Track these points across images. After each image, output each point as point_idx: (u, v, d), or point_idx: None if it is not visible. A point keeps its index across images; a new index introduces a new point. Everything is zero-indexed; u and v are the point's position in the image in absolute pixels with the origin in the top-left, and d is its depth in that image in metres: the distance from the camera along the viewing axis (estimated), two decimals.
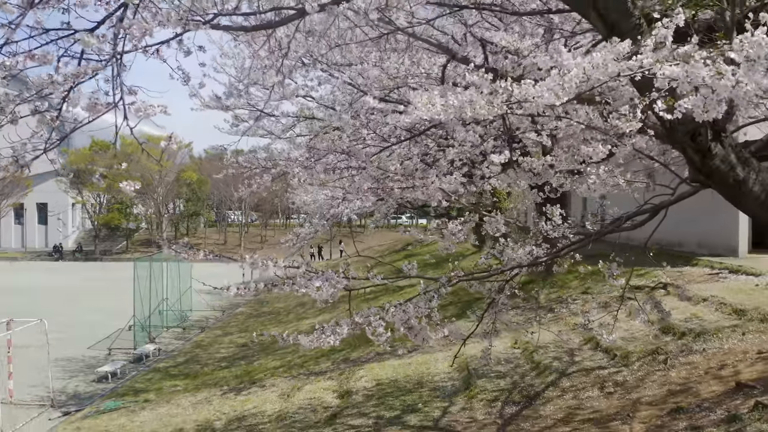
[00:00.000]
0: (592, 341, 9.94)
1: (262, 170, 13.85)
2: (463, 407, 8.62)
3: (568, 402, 8.12)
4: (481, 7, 5.98)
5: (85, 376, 17.48)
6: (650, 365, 8.58)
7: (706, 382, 7.70)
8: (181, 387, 14.33)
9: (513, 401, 8.47)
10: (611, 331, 6.29)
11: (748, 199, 3.93)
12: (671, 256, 16.52)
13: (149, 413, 12.17)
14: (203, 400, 12.25)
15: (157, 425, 11.17)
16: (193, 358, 18.27)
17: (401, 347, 11.14)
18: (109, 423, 12.15)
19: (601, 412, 7.58)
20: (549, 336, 10.68)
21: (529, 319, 12.76)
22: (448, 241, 5.59)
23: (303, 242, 16.57)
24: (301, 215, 34.58)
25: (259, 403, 11.02)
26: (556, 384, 8.68)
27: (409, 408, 8.88)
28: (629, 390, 8.05)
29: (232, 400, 11.75)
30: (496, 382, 9.25)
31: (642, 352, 8.96)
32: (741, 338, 8.73)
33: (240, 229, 61.87)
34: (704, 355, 8.46)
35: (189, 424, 10.72)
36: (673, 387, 7.82)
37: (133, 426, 11.55)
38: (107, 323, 21.80)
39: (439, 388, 9.59)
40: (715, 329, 9.11)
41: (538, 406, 8.18)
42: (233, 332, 21.67)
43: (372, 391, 10.07)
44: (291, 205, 38.88)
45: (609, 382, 8.36)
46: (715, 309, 10.02)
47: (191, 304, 26.86)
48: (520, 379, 9.17)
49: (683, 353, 8.67)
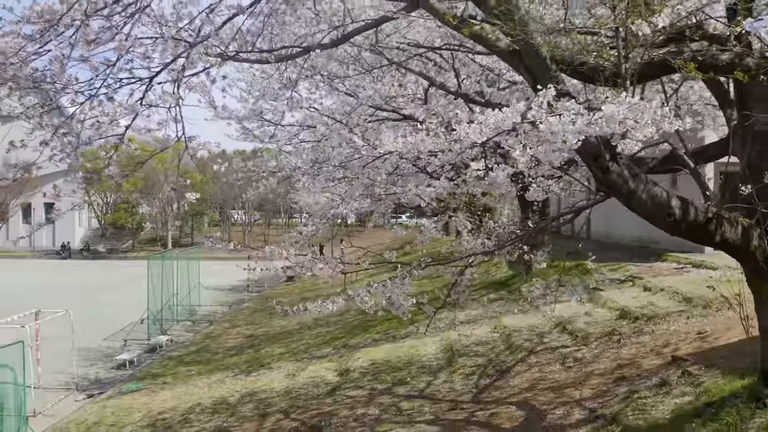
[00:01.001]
0: (560, 326, 11.33)
1: (269, 174, 15.23)
2: (445, 380, 10.01)
3: (533, 375, 9.51)
4: (442, 48, 7.32)
5: (104, 363, 18.86)
6: (606, 344, 9.96)
7: (650, 357, 9.08)
8: (195, 372, 15.72)
9: (488, 374, 9.86)
10: (553, 309, 7.66)
11: (638, 205, 5.29)
12: (648, 252, 17.96)
13: (168, 392, 13.57)
14: (217, 381, 13.65)
15: (177, 402, 12.57)
16: (204, 347, 19.66)
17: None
18: (132, 402, 13.54)
19: (560, 382, 8.97)
20: (524, 322, 12.07)
21: (510, 309, 14.14)
22: (425, 236, 6.96)
23: (306, 240, 17.95)
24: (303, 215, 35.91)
25: (267, 381, 12.42)
26: (524, 360, 10.07)
27: (398, 381, 10.28)
28: (585, 364, 9.44)
29: (243, 380, 13.15)
30: (475, 359, 10.64)
31: (600, 334, 10.35)
32: (686, 321, 10.10)
33: (244, 228, 63.21)
34: (652, 336, 9.85)
35: (206, 400, 12.11)
36: (622, 362, 9.20)
37: (155, 403, 12.94)
38: (120, 317, 23.15)
39: (426, 366, 10.99)
40: (665, 314, 10.49)
41: (508, 378, 9.57)
42: (240, 325, 23.06)
43: (367, 369, 11.47)
44: (294, 205, 40.21)
45: (569, 359, 9.75)
46: (669, 297, 11.39)
47: (199, 299, 28.28)
48: (496, 357, 10.56)
49: (635, 334, 10.06)
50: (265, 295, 30.36)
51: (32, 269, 45.91)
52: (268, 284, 34.74)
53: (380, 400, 9.59)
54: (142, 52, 5.34)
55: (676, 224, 5.35)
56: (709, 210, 5.43)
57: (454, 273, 6.87)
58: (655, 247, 18.05)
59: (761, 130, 5.84)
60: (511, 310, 13.71)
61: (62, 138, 5.75)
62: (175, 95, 4.88)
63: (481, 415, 8.23)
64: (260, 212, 68.73)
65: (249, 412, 10.67)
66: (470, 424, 7.99)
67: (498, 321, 12.73)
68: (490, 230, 6.51)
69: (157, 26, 5.44)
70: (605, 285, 14.23)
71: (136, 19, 5.03)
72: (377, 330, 15.18)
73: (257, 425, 9.86)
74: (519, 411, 8.15)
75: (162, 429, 10.88)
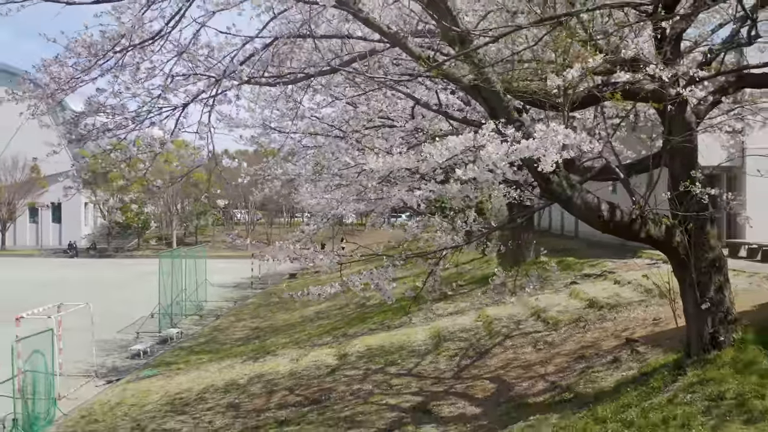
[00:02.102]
0: (536, 314, 12.64)
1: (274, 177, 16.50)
2: (431, 361, 11.34)
3: (508, 356, 10.83)
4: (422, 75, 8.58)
5: (119, 354, 20.20)
6: (573, 330, 11.28)
7: (609, 340, 10.39)
8: (206, 359, 17.04)
9: (468, 356, 11.18)
10: (513, 294, 8.95)
11: (574, 209, 6.59)
12: (626, 249, 19.24)
13: (183, 377, 14.89)
14: (227, 366, 14.97)
15: (192, 384, 13.89)
16: (212, 339, 21.00)
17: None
18: (150, 385, 14.86)
19: (529, 361, 10.29)
20: (505, 312, 13.38)
21: (496, 300, 15.45)
22: (408, 234, 8.28)
23: (308, 238, 19.27)
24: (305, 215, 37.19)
25: (273, 365, 13.74)
26: (501, 344, 11.39)
27: (390, 363, 11.61)
28: (553, 347, 10.75)
29: (251, 365, 14.47)
30: (458, 344, 11.96)
31: (569, 321, 11.67)
32: (644, 310, 11.41)
33: (247, 228, 64.48)
34: (614, 322, 11.16)
35: (218, 382, 13.44)
36: (584, 344, 10.52)
37: (171, 386, 14.27)
38: (130, 312, 24.48)
39: (415, 350, 12.31)
40: (628, 303, 11.80)
41: (486, 359, 10.89)
42: (246, 318, 24.39)
43: (363, 353, 12.79)
44: (295, 205, 41.49)
45: (540, 342, 11.07)
46: (633, 289, 12.70)
47: (206, 295, 29.64)
48: (477, 342, 11.88)
49: (599, 321, 11.37)
50: (269, 292, 31.72)
51: (41, 267, 47.15)
52: (271, 281, 36.10)
53: (373, 378, 10.92)
54: (177, 85, 6.68)
55: (605, 224, 6.67)
56: (633, 212, 6.74)
57: (430, 264, 8.17)
58: (632, 245, 19.29)
59: (680, 147, 7.14)
60: (496, 302, 15.02)
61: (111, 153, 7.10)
62: (208, 125, 6.21)
63: (459, 387, 9.56)
64: (263, 212, 69.94)
65: (258, 390, 12.00)
66: (449, 394, 9.32)
67: (482, 311, 14.04)
68: (459, 229, 7.81)
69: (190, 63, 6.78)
70: (581, 279, 15.58)
71: (176, 60, 6.36)
72: (374, 321, 16.51)
73: (265, 401, 11.19)
74: (491, 384, 9.48)
75: (180, 406, 12.21)
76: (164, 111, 6.83)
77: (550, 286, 15.83)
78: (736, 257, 16.20)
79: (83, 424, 12.71)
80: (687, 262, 7.31)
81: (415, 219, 9.58)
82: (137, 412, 12.64)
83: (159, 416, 11.78)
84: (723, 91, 7.68)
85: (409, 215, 55.55)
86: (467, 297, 16.69)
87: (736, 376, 6.75)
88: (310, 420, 9.46)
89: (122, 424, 11.94)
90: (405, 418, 8.74)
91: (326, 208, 19.10)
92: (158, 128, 6.52)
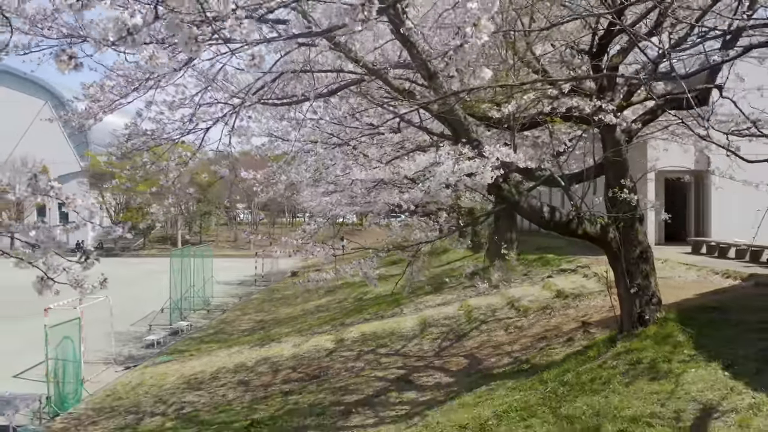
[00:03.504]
0: (510, 303, 14.25)
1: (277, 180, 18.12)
2: (416, 344, 12.95)
3: (482, 338, 12.44)
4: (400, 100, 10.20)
5: (134, 344, 21.84)
6: (540, 316, 12.88)
7: (569, 324, 11.98)
8: (216, 347, 18.67)
9: (449, 339, 12.79)
10: (496, 288, 10.55)
11: (522, 211, 8.18)
12: None
13: (196, 361, 16.52)
14: (236, 351, 16.59)
15: (205, 367, 15.51)
16: (220, 330, 22.64)
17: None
18: (166, 369, 16.49)
19: (500, 342, 11.90)
20: (485, 302, 14.99)
21: (479, 293, 17.05)
22: (393, 232, 9.88)
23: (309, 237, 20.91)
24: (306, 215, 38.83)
25: (278, 350, 15.36)
26: (478, 328, 13.00)
27: (381, 345, 13.22)
28: (522, 330, 12.35)
29: (257, 350, 16.09)
30: (441, 329, 13.58)
31: (538, 308, 13.27)
32: (604, 298, 12.98)
33: (250, 227, 66.07)
34: (576, 309, 12.75)
35: (229, 365, 15.06)
36: (548, 327, 12.12)
37: (185, 369, 15.89)
38: (140, 307, 26.11)
39: (404, 335, 13.92)
40: (590, 293, 13.39)
41: (463, 341, 12.50)
42: (251, 312, 26.02)
43: (358, 338, 14.41)
44: (297, 206, 43.11)
45: (511, 327, 12.67)
46: (597, 281, 14.28)
47: (212, 291, 31.30)
48: (457, 327, 13.49)
49: (564, 308, 12.97)
50: (272, 288, 33.36)
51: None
52: (273, 279, 37.73)
53: (365, 358, 12.54)
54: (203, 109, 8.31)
55: (547, 223, 8.27)
56: (570, 213, 8.35)
57: (409, 256, 9.76)
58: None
59: (613, 161, 8.75)
60: (478, 294, 16.62)
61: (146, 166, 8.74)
62: (230, 146, 7.82)
63: (437, 363, 11.18)
64: (265, 212, 71.52)
65: (264, 370, 13.62)
66: (428, 368, 10.94)
67: (465, 302, 15.65)
68: (432, 227, 9.42)
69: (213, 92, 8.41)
70: (557, 273, 17.19)
71: (203, 90, 7.98)
72: (369, 312, 18.13)
73: (271, 378, 12.81)
74: (465, 360, 11.09)
75: (196, 384, 13.83)
76: (192, 132, 8.46)
77: (529, 280, 17.44)
78: (698, 254, 17.81)
79: (109, 401, 14.33)
80: (619, 255, 8.92)
81: (397, 219, 11.16)
82: (157, 391, 14.26)
83: (178, 392, 13.39)
84: (652, 113, 9.30)
85: (408, 215, 57.47)
86: (454, 290, 18.30)
87: (654, 346, 8.37)
88: (311, 390, 11.09)
89: (145, 400, 13.56)
90: (390, 386, 10.36)
91: (326, 208, 20.79)
92: (186, 144, 8.15)
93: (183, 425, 10.76)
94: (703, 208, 21.12)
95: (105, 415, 13.06)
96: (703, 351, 7.89)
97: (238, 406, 11.25)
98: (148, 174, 8.85)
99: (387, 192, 9.70)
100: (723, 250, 16.71)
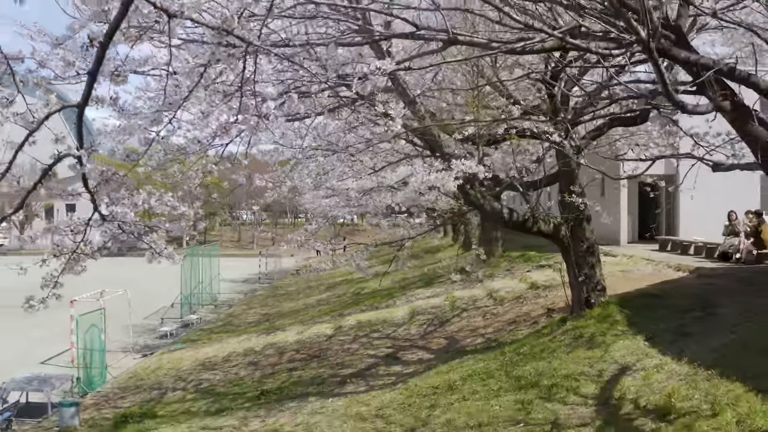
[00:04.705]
0: (489, 294, 16.02)
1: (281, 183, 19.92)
2: (405, 329, 14.73)
3: (462, 324, 14.20)
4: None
5: (148, 335, 23.65)
6: (514, 304, 14.64)
7: (537, 311, 13.73)
8: (225, 337, 20.47)
9: (433, 324, 14.57)
10: (480, 281, 12.32)
11: (486, 213, 9.95)
12: None
13: (208, 348, 18.30)
14: (244, 339, 18.38)
15: (217, 352, 17.29)
16: (228, 322, 24.45)
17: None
18: (181, 355, 18.27)
19: (477, 326, 13.67)
20: (468, 293, 16.77)
21: (465, 287, 18.82)
22: (383, 231, 11.64)
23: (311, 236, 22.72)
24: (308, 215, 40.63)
25: (283, 337, 17.14)
26: (459, 315, 14.77)
27: (374, 330, 15.01)
28: (497, 316, 14.12)
29: (264, 337, 17.87)
30: (427, 316, 15.36)
31: (512, 298, 15.04)
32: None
33: (253, 228, 67.83)
34: (545, 298, 14.50)
35: (239, 350, 16.83)
36: (520, 314, 13.87)
37: (199, 354, 17.66)
38: (151, 303, 27.86)
39: (395, 322, 15.70)
40: (559, 285, 15.11)
41: (446, 327, 14.27)
42: (256, 307, 27.82)
43: (354, 326, 16.19)
44: (299, 207, 44.89)
45: (488, 314, 14.44)
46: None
47: (219, 288, 33.13)
48: (441, 315, 15.27)
49: (534, 298, 14.72)
50: (275, 286, 35.17)
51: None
52: (276, 277, 39.55)
53: (360, 341, 14.32)
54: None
55: (506, 222, 10.04)
56: (525, 214, 10.13)
57: (394, 249, 11.50)
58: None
59: (564, 170, 10.52)
60: (464, 287, 18.39)
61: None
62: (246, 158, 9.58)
63: (421, 343, 12.96)
64: (267, 212, 73.16)
65: (271, 353, 15.41)
66: (413, 347, 12.72)
67: (451, 294, 17.42)
68: (415, 225, 11.19)
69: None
70: (536, 269, 18.94)
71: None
72: (365, 303, 19.92)
73: (278, 358, 14.59)
74: (445, 341, 12.87)
75: (210, 366, 15.61)
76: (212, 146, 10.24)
77: (511, 274, 19.19)
78: (664, 251, 19.55)
79: (133, 381, 16.12)
80: (569, 249, 10.69)
81: (387, 219, 12.90)
82: (175, 372, 16.05)
83: (195, 372, 15.18)
84: (599, 130, 11.06)
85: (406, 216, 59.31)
86: (443, 284, 20.08)
87: (596, 324, 10.14)
88: (312, 367, 12.87)
89: (165, 379, 15.34)
90: (379, 362, 12.15)
91: (325, 210, 22.58)
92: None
93: (202, 396, 12.53)
94: (672, 209, 22.86)
95: (131, 392, 14.85)
96: (633, 327, 9.65)
97: (250, 381, 13.03)
98: (176, 181, 10.62)
99: (378, 195, 11.44)
100: (685, 248, 18.45)
